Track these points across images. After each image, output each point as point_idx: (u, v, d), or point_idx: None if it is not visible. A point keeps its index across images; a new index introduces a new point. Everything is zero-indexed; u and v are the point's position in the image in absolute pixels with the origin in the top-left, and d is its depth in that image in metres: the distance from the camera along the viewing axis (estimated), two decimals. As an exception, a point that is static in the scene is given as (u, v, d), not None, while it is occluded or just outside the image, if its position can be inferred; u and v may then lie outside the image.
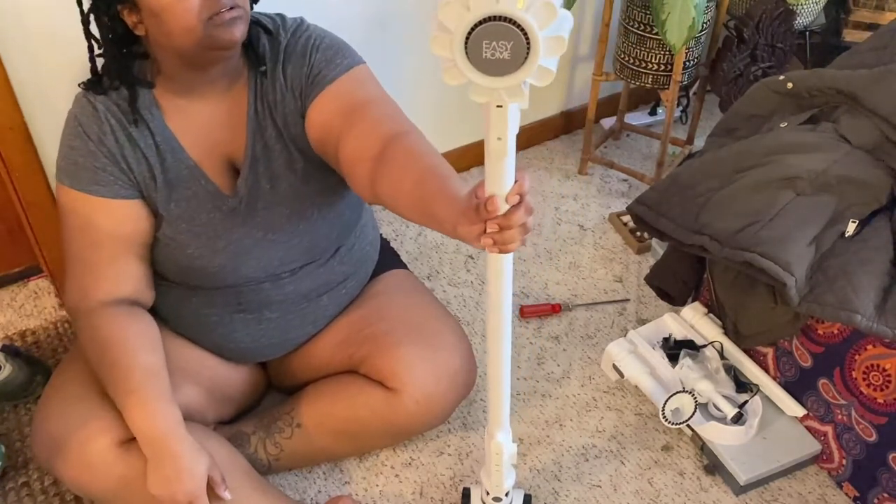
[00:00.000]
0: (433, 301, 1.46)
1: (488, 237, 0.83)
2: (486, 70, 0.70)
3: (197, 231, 1.23)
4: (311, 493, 1.42)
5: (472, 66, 0.70)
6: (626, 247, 1.98)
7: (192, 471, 1.14)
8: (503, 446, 1.19)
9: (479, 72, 0.71)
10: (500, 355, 1.07)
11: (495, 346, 1.06)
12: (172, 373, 1.24)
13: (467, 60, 0.70)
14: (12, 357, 1.51)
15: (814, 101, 1.52)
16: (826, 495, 1.44)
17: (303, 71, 1.19)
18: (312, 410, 1.37)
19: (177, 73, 1.15)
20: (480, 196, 0.82)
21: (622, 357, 1.54)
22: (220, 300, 1.30)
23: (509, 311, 1.02)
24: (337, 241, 1.35)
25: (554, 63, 0.71)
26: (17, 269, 1.80)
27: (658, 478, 1.46)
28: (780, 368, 1.49)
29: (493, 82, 0.71)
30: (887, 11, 2.07)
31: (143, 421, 1.14)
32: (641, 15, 1.86)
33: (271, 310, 1.33)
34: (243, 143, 1.22)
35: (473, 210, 0.83)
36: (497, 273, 0.96)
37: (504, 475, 1.24)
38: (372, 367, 1.35)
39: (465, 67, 0.70)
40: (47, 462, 1.20)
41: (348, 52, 1.22)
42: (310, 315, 1.38)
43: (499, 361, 1.08)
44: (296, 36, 1.21)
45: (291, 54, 1.20)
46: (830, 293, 1.26)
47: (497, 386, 1.12)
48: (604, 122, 2.38)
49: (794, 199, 1.35)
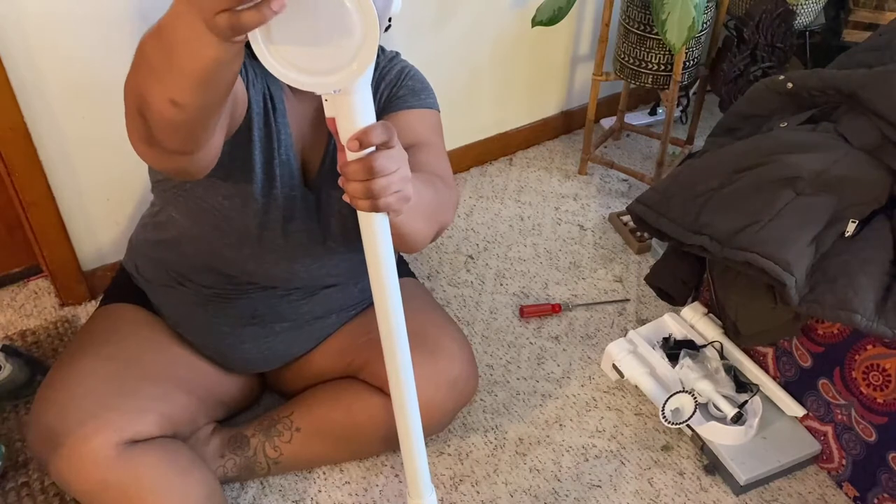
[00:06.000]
0: (435, 307, 1.45)
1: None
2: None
3: (274, 196, 1.19)
4: (311, 492, 1.42)
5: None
6: (626, 247, 1.98)
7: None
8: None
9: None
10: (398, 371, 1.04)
11: (392, 365, 1.04)
12: (166, 380, 1.24)
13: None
14: (12, 357, 1.51)
15: (814, 101, 1.52)
16: (826, 495, 1.44)
17: (391, 90, 1.25)
18: (311, 415, 1.37)
19: None
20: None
21: (622, 357, 1.54)
22: (235, 310, 1.30)
23: (396, 292, 0.98)
24: (365, 267, 1.35)
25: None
26: (17, 269, 1.80)
27: (658, 478, 1.47)
28: (780, 368, 1.49)
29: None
30: (887, 11, 2.06)
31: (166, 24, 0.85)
32: (641, 15, 1.86)
33: (282, 325, 1.33)
34: (323, 145, 1.23)
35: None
36: (369, 244, 0.93)
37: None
38: (371, 373, 1.35)
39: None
40: (42, 454, 1.20)
41: (432, 94, 1.29)
42: (315, 332, 1.38)
43: (401, 392, 1.06)
44: (392, 63, 1.28)
45: (386, 75, 1.26)
46: (830, 293, 1.26)
47: (407, 440, 1.09)
48: (604, 122, 2.38)
49: (794, 199, 1.35)
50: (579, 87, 2.32)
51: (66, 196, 1.61)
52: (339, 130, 0.82)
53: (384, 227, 0.92)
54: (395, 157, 0.82)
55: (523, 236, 2.01)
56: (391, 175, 0.82)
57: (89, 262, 1.73)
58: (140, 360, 1.27)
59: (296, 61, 0.74)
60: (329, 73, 0.75)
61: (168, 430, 1.23)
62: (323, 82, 0.76)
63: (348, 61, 0.73)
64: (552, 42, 2.15)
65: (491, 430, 1.54)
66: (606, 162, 2.18)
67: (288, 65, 0.74)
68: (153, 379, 1.25)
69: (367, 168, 0.80)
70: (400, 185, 0.84)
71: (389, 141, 0.82)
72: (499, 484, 1.45)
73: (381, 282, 0.97)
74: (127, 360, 1.26)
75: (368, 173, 0.80)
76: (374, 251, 0.94)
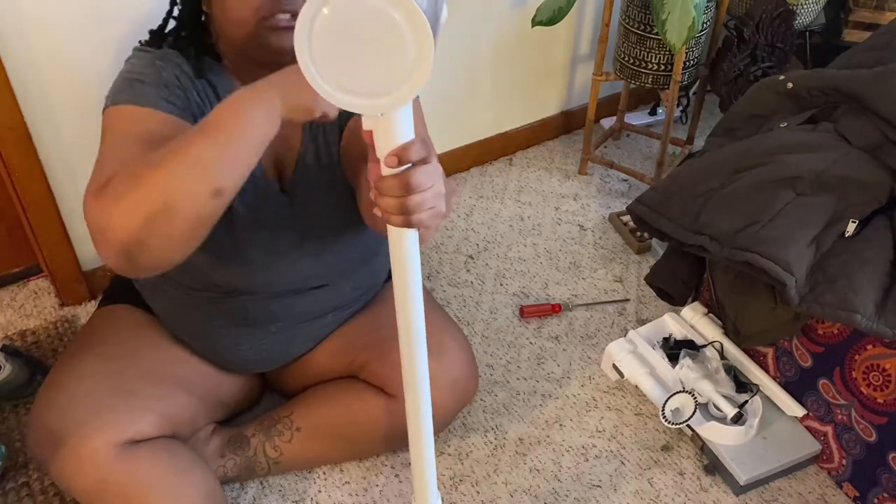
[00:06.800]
0: (435, 308, 1.45)
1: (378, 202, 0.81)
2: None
3: (238, 213, 1.19)
4: (311, 493, 1.42)
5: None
6: (626, 247, 1.98)
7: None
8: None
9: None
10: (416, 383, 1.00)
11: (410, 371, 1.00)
12: (166, 380, 1.24)
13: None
14: (12, 357, 1.51)
15: (814, 101, 1.52)
16: (826, 495, 1.44)
17: None
18: (312, 415, 1.37)
19: (236, 61, 1.14)
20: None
21: (622, 357, 1.54)
22: (227, 311, 1.30)
23: (420, 310, 0.94)
24: (358, 264, 1.34)
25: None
26: (17, 269, 1.80)
27: (658, 478, 1.47)
28: (780, 368, 1.49)
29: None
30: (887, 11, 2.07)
31: (238, 106, 0.91)
32: (641, 15, 1.86)
33: (277, 326, 1.33)
34: (297, 147, 1.21)
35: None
36: (396, 258, 0.89)
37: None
38: (371, 373, 1.35)
39: None
40: (42, 455, 1.20)
41: None
42: (313, 332, 1.38)
43: (416, 395, 1.02)
44: None
45: None
46: (830, 293, 1.26)
47: (419, 449, 1.06)
48: (604, 122, 2.39)
49: (794, 198, 1.35)
50: (579, 87, 2.32)
51: (66, 196, 1.61)
52: (376, 144, 0.79)
53: (413, 241, 0.88)
54: (430, 174, 0.80)
55: (523, 236, 2.01)
56: (426, 191, 0.79)
57: (89, 262, 1.73)
58: (140, 360, 1.27)
59: (348, 84, 0.71)
60: (382, 95, 0.72)
61: (168, 431, 1.23)
62: (376, 104, 0.73)
63: (401, 82, 0.71)
64: (552, 42, 2.16)
65: (491, 430, 1.54)
66: (606, 162, 2.18)
67: (340, 88, 0.72)
68: (153, 379, 1.25)
69: (404, 184, 0.78)
70: (434, 201, 0.81)
71: (427, 157, 0.79)
72: (499, 484, 1.45)
73: (405, 296, 0.93)
74: (127, 361, 1.26)
75: (405, 189, 0.78)
76: (401, 265, 0.90)
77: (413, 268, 0.90)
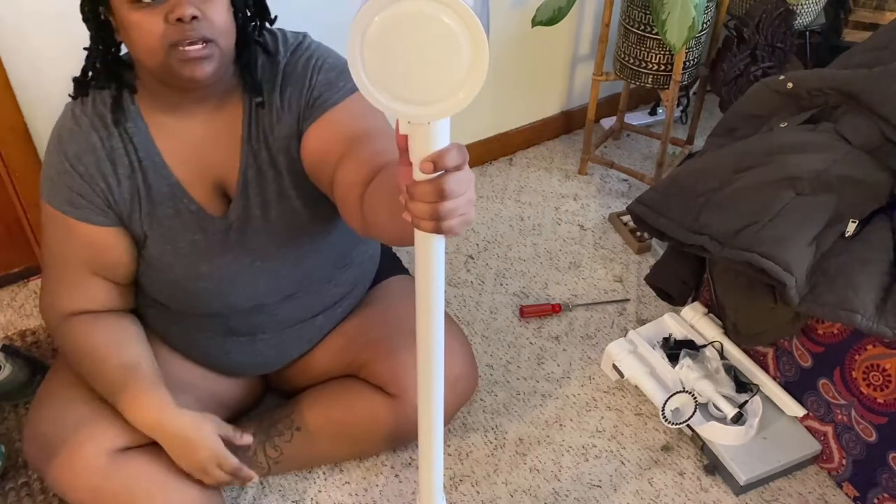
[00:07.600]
0: None
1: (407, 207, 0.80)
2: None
3: (181, 252, 1.19)
4: (311, 493, 1.42)
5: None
6: (626, 247, 1.98)
7: (202, 438, 1.17)
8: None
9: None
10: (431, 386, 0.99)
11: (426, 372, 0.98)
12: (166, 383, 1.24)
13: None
14: (12, 357, 1.51)
15: (814, 101, 1.52)
16: (826, 495, 1.44)
17: (302, 93, 1.14)
18: (312, 414, 1.37)
19: (156, 89, 1.12)
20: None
21: (622, 357, 1.54)
22: (208, 325, 1.29)
23: (440, 319, 0.93)
24: (331, 269, 1.32)
25: None
26: (17, 269, 1.80)
27: (658, 478, 1.47)
28: (780, 368, 1.49)
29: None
30: (887, 11, 2.07)
31: (137, 415, 1.16)
32: (641, 15, 1.86)
33: (264, 332, 1.32)
34: (236, 167, 1.18)
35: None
36: (422, 264, 0.87)
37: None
38: (372, 373, 1.35)
39: None
40: (38, 463, 1.20)
41: (348, 73, 1.14)
42: (305, 334, 1.37)
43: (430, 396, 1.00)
44: (296, 55, 1.16)
45: (291, 75, 1.14)
46: (830, 293, 1.26)
47: (428, 455, 1.05)
48: (604, 122, 2.38)
49: (794, 199, 1.35)
50: (579, 87, 2.32)
51: (66, 196, 1.61)
52: (411, 148, 0.77)
53: (440, 247, 0.87)
54: (463, 181, 0.78)
55: (523, 236, 2.01)
56: (459, 198, 0.78)
57: (89, 262, 1.73)
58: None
59: (401, 93, 0.70)
60: (435, 103, 0.70)
61: None
62: (429, 112, 0.71)
63: (456, 89, 0.69)
64: (552, 42, 2.15)
65: (491, 430, 1.54)
66: (606, 162, 2.18)
67: (393, 98, 0.70)
68: None
69: (438, 190, 0.76)
70: (465, 208, 0.79)
71: (462, 164, 0.78)
72: (499, 484, 1.45)
73: (428, 301, 0.91)
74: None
75: (439, 196, 0.76)
76: (427, 270, 0.88)
77: (438, 273, 0.89)
